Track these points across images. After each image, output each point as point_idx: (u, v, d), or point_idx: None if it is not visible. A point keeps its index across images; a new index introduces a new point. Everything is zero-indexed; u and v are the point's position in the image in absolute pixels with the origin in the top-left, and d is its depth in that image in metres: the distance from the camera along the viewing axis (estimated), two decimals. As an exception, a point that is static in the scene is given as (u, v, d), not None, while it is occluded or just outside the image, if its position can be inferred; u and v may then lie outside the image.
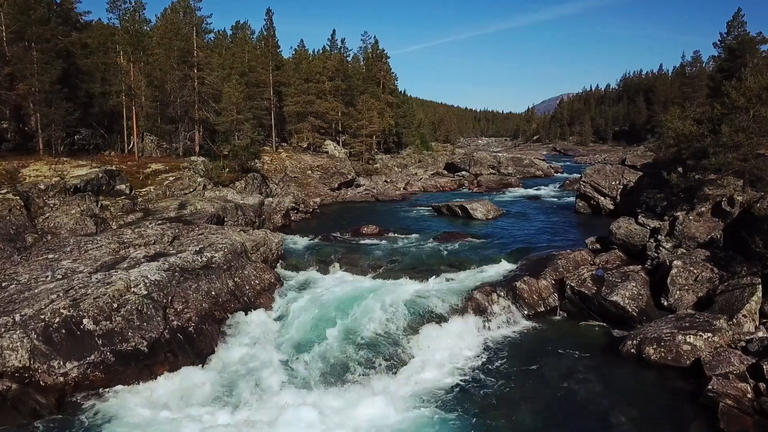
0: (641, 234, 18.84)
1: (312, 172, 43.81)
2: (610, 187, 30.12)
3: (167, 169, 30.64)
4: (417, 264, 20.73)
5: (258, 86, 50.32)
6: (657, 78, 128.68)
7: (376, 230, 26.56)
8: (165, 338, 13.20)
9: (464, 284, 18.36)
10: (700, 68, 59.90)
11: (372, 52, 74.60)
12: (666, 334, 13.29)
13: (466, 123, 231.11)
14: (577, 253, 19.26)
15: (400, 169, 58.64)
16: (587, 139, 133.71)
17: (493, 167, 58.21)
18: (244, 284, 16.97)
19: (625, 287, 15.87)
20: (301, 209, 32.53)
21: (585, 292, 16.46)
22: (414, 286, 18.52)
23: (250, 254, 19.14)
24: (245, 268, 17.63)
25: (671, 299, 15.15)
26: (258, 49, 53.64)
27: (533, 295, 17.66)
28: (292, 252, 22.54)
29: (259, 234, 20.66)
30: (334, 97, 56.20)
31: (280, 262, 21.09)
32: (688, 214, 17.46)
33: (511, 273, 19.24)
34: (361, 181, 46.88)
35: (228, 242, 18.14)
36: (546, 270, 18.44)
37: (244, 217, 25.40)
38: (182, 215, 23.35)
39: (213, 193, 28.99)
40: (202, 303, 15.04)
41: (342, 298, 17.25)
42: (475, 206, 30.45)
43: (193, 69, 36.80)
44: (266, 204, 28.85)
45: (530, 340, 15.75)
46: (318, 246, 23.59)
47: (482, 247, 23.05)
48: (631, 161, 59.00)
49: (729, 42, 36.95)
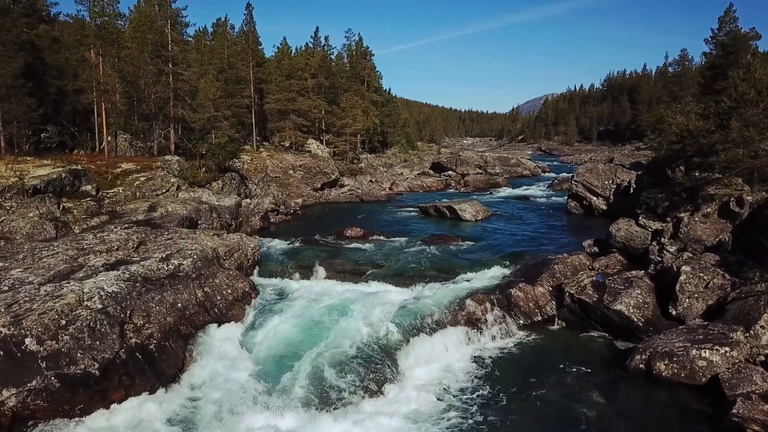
0: (642, 236, 17.71)
1: (294, 171, 42.28)
2: (603, 187, 29.09)
3: (138, 168, 28.94)
4: (404, 269, 19.39)
5: (238, 83, 48.67)
6: (641, 78, 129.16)
7: (361, 233, 25.17)
8: (121, 359, 11.65)
9: (455, 292, 17.05)
10: (686, 66, 59.48)
11: (356, 49, 73.28)
12: (678, 348, 12.10)
13: (451, 123, 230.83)
14: (575, 257, 18.08)
15: (385, 168, 57.34)
16: (572, 139, 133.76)
17: (480, 167, 57.15)
18: (215, 295, 15.46)
19: (629, 295, 14.69)
20: (282, 211, 31.00)
21: (585, 301, 15.24)
22: (401, 293, 17.20)
23: (223, 261, 17.64)
24: (216, 277, 16.11)
25: (680, 308, 14.00)
26: (238, 45, 51.88)
27: (529, 303, 16.42)
28: (270, 257, 21.05)
29: (233, 238, 19.16)
30: (317, 95, 54.75)
31: (257, 269, 19.60)
32: (693, 215, 16.35)
33: (504, 279, 18.01)
34: (345, 181, 45.45)
35: (198, 248, 16.62)
36: (542, 276, 17.22)
37: (220, 220, 23.85)
38: (152, 218, 21.74)
39: (187, 194, 27.38)
40: (166, 317, 13.52)
41: (323, 308, 15.85)
42: (463, 207, 29.21)
43: (168, 64, 35.05)
44: (244, 205, 27.31)
45: (527, 353, 14.48)
46: (298, 250, 22.12)
47: (472, 251, 21.79)
48: (619, 161, 58.47)
49: (721, 38, 36.30)
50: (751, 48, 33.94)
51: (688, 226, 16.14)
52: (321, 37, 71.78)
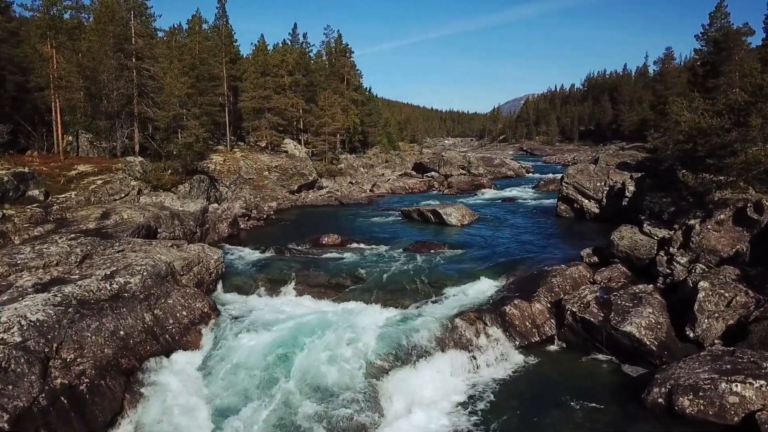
0: (648, 245, 16.08)
1: (269, 173, 40.08)
2: (595, 189, 27.54)
3: (96, 170, 26.59)
4: (386, 282, 17.48)
5: (211, 80, 46.23)
6: (621, 78, 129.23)
7: (339, 240, 23.22)
8: (40, 406, 9.53)
9: (443, 309, 15.23)
10: (671, 65, 58.72)
11: (335, 46, 71.17)
12: (704, 380, 10.40)
13: (432, 123, 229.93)
14: (574, 269, 16.37)
15: (366, 169, 55.39)
16: (554, 139, 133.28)
17: (463, 167, 55.53)
18: (167, 318, 13.36)
19: (640, 314, 12.99)
20: (254, 215, 28.83)
21: (590, 320, 13.51)
22: (383, 312, 15.32)
23: (180, 276, 15.53)
24: (170, 296, 14.00)
25: (698, 330, 12.34)
26: (210, 40, 49.40)
27: (525, 321, 14.65)
28: (236, 270, 18.98)
29: (193, 250, 17.03)
30: (295, 93, 52.57)
31: (221, 284, 17.50)
32: (704, 222, 14.75)
33: (497, 293, 16.22)
34: (324, 183, 43.41)
35: (150, 263, 14.49)
36: (539, 290, 15.47)
37: (182, 228, 21.65)
38: (104, 226, 19.49)
39: (149, 198, 25.13)
40: (104, 348, 11.41)
41: (294, 330, 13.88)
42: (448, 211, 27.41)
43: (131, 58, 32.63)
44: (211, 211, 25.12)
45: (526, 382, 12.68)
46: (269, 261, 20.07)
47: (460, 260, 19.98)
48: (604, 161, 57.16)
49: (712, 34, 35.17)
50: (745, 44, 32.90)
51: (700, 235, 14.53)
52: (299, 34, 69.66)
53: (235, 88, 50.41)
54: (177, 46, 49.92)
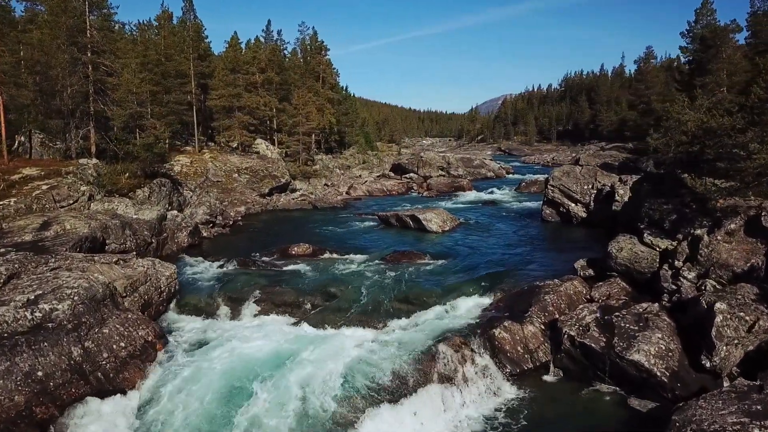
0: (650, 258, 14.57)
1: (239, 175, 37.90)
2: (582, 192, 26.14)
3: (43, 174, 24.15)
4: (360, 300, 15.68)
5: (178, 77, 43.80)
6: (598, 78, 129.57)
7: (310, 250, 21.33)
8: None
9: (424, 333, 13.48)
10: (651, 64, 58.14)
11: (311, 44, 69.04)
12: (732, 424, 8.82)
13: (411, 123, 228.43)
14: (569, 284, 14.78)
15: (342, 171, 53.49)
16: (532, 139, 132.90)
17: (442, 168, 53.98)
18: (100, 351, 11.33)
19: (648, 340, 11.42)
20: (219, 222, 26.71)
21: (591, 346, 11.90)
22: (356, 337, 13.52)
23: (122, 298, 13.49)
24: (106, 324, 11.96)
25: (716, 359, 10.80)
26: (177, 35, 46.90)
27: (517, 346, 12.99)
28: (193, 286, 16.97)
29: (140, 266, 14.98)
30: (267, 92, 50.37)
31: (174, 304, 15.51)
32: (713, 232, 13.29)
33: (484, 313, 14.55)
34: (298, 185, 41.38)
35: (83, 284, 12.42)
36: (531, 309, 13.85)
37: (135, 238, 19.50)
38: (42, 239, 17.24)
39: (101, 205, 22.86)
40: (14, 395, 9.38)
41: (254, 362, 12.01)
42: (429, 216, 25.70)
43: (86, 52, 30.13)
44: (170, 218, 22.97)
45: (519, 420, 11.00)
46: (231, 275, 18.07)
47: (443, 272, 18.27)
48: (585, 161, 56.41)
49: (698, 32, 34.19)
50: (732, 41, 31.97)
51: (709, 247, 13.05)
52: (273, 31, 67.37)
53: (205, 86, 48.01)
54: (142, 41, 47.43)
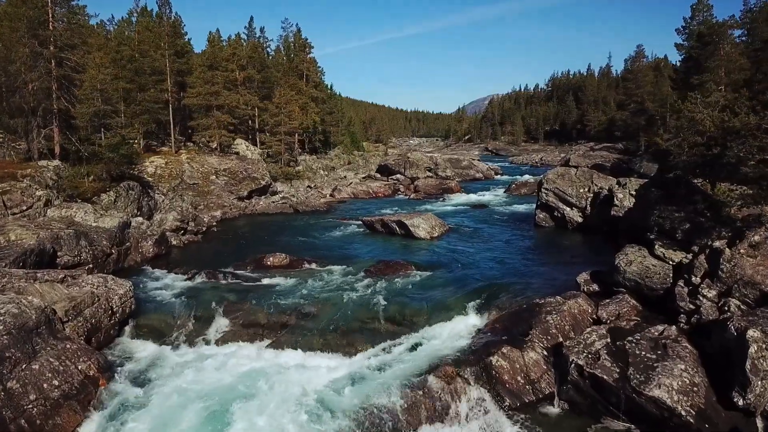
0: (662, 272, 13.08)
1: (217, 177, 35.98)
2: (578, 196, 24.70)
3: (-5, 178, 22.13)
4: (340, 320, 14.01)
5: (153, 74, 41.78)
6: (585, 78, 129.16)
7: (286, 260, 19.61)
8: None
9: (413, 361, 11.89)
10: (642, 62, 57.12)
11: (294, 41, 67.18)
12: (783, 485, 7.29)
13: (398, 123, 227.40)
14: (572, 303, 13.22)
15: (326, 172, 51.69)
16: (519, 139, 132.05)
17: (430, 170, 52.48)
18: (27, 392, 9.52)
19: (670, 372, 9.90)
20: (191, 228, 24.81)
21: (602, 378, 10.35)
22: (335, 367, 11.91)
23: (63, 324, 11.67)
24: (37, 358, 10.16)
25: (750, 396, 9.30)
26: (152, 31, 44.81)
27: (517, 376, 11.40)
28: (153, 304, 15.16)
29: (89, 284, 13.18)
30: (248, 90, 48.47)
31: (129, 326, 13.71)
32: (735, 245, 11.84)
33: (479, 335, 12.96)
34: (279, 187, 39.53)
35: (12, 310, 10.58)
36: (532, 332, 12.28)
37: (92, 249, 17.61)
38: (-19, 252, 15.33)
39: (59, 211, 20.93)
40: None
41: (214, 401, 10.30)
42: (416, 222, 24.09)
43: (49, 46, 28.06)
44: (134, 225, 21.09)
45: (525, 468, 9.43)
46: (198, 290, 16.29)
47: (432, 286, 16.65)
48: (575, 162, 55.28)
49: (695, 28, 33.01)
50: (731, 38, 30.79)
51: (732, 262, 11.58)
52: (256, 28, 65.42)
53: (183, 84, 45.97)
54: (115, 36, 45.31)
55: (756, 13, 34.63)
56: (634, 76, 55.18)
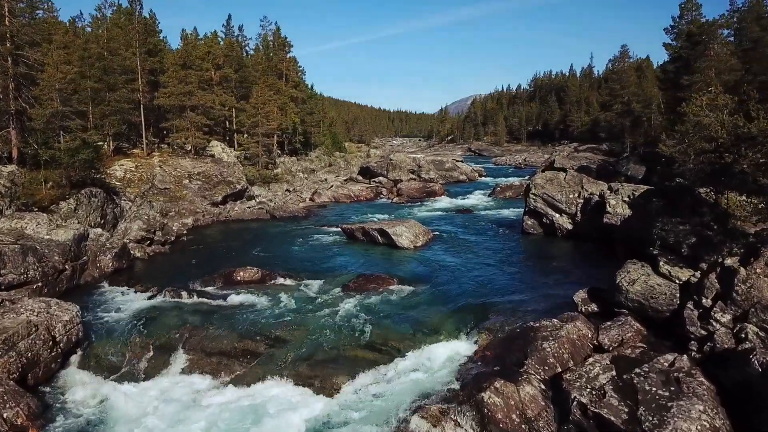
0: (668, 293, 11.94)
1: (190, 181, 34.25)
2: (568, 202, 23.62)
3: (-60, 186, 20.28)
4: (314, 348, 12.62)
5: (123, 74, 39.81)
6: (567, 78, 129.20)
7: (258, 274, 18.13)
8: None
9: (394, 397, 10.56)
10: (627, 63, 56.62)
11: (273, 40, 65.41)
12: None
13: (381, 123, 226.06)
14: (571, 326, 12.00)
15: (306, 174, 50.15)
16: (502, 139, 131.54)
17: (413, 172, 51.17)
18: (-67, 454, 7.99)
19: (687, 414, 8.72)
20: (158, 239, 23.15)
21: (609, 419, 9.14)
22: (307, 405, 10.49)
23: (-10, 362, 10.10)
24: (-49, 409, 8.61)
25: (779, 443, 8.16)
26: (122, 27, 42.80)
27: (512, 414, 10.12)
28: (107, 328, 13.61)
29: (26, 310, 11.60)
30: (224, 90, 46.72)
31: (75, 356, 12.17)
32: (749, 263, 10.74)
33: (468, 365, 11.68)
34: (256, 191, 37.92)
35: (-75, 350, 9.00)
36: (527, 362, 11.03)
37: (41, 266, 15.93)
38: None
39: (9, 222, 19.16)
40: None
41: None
42: (399, 230, 22.76)
43: (5, 42, 26.16)
44: (92, 237, 19.40)
45: None
46: (159, 312, 14.76)
47: (415, 303, 15.35)
48: (560, 163, 54.39)
49: (684, 27, 32.24)
50: (721, 37, 30.08)
51: (748, 282, 10.47)
52: (234, 26, 63.48)
53: (156, 83, 44.04)
54: (83, 34, 43.25)
55: (744, 12, 34.04)
56: (618, 76, 54.71)
